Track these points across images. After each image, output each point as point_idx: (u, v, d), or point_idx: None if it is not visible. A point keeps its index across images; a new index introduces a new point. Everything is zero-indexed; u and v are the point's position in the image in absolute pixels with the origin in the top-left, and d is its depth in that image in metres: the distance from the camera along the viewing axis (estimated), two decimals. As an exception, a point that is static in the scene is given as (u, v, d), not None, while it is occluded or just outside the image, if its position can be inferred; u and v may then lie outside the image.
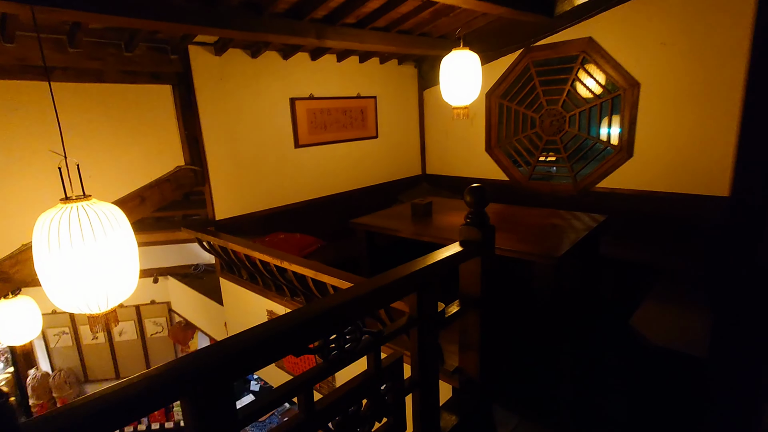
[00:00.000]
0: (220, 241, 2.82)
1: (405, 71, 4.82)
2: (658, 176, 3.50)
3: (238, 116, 3.42)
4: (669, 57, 3.29)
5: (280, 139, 3.73)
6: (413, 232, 3.13)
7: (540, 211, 3.50)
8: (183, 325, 5.36)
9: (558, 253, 2.47)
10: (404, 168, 5.01)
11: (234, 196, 3.46)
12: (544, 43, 3.92)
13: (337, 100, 4.10)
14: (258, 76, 3.49)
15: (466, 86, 2.92)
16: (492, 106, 4.47)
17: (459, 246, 1.73)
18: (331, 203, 4.20)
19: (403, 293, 1.45)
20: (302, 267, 2.21)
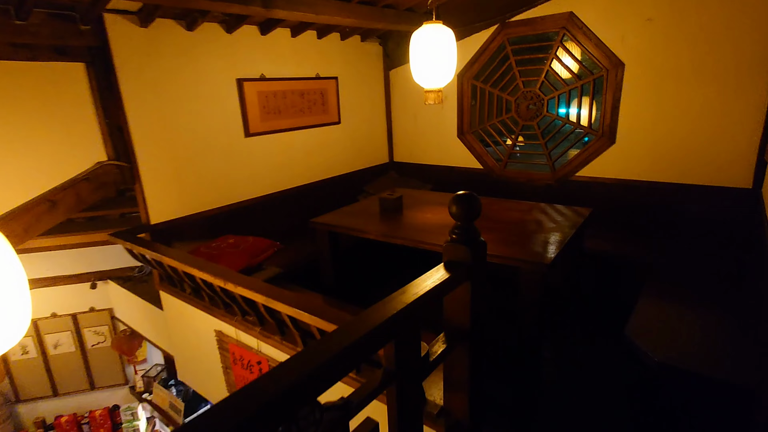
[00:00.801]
0: (155, 254, 2.34)
1: (369, 49, 4.36)
2: (642, 164, 3.28)
3: (175, 101, 2.89)
4: (656, 35, 3.02)
5: (227, 127, 3.22)
6: (383, 233, 2.76)
7: (519, 205, 3.21)
8: (128, 333, 4.81)
9: (547, 260, 2.18)
10: (370, 156, 4.60)
11: (173, 195, 2.96)
12: (521, 18, 3.57)
13: (293, 81, 3.61)
14: (196, 53, 2.96)
15: (439, 66, 2.53)
16: (464, 88, 4.11)
17: (444, 270, 1.37)
18: (288, 198, 3.75)
19: (373, 349, 1.08)
20: (250, 291, 1.80)
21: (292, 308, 1.62)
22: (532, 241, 2.45)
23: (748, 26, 2.69)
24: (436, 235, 2.64)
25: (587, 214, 2.89)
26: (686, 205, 3.13)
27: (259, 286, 1.82)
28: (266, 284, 1.84)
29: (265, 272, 2.94)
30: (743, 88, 2.79)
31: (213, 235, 3.12)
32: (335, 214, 3.18)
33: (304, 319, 1.60)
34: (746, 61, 2.74)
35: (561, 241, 2.39)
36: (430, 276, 1.34)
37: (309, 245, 3.50)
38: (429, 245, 2.55)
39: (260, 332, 2.25)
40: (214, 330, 2.58)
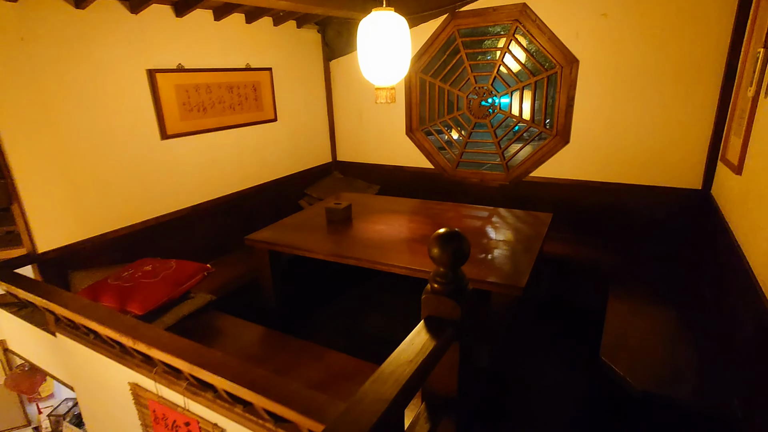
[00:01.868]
0: (41, 300, 1.81)
1: (306, 37, 3.91)
2: (596, 164, 3.20)
3: (65, 98, 2.30)
4: (610, 31, 2.91)
5: (138, 128, 2.66)
6: (332, 253, 2.41)
7: (477, 210, 3.00)
8: (26, 369, 4.06)
9: (522, 282, 1.96)
10: (311, 156, 4.18)
11: (68, 214, 2.38)
12: (472, 8, 3.32)
13: (219, 72, 3.10)
14: (91, 37, 2.37)
15: (392, 60, 2.21)
16: (413, 82, 3.81)
17: (426, 333, 1.07)
18: (218, 209, 3.25)
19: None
20: (171, 355, 1.38)
21: (228, 382, 1.24)
22: (499, 257, 2.23)
23: (701, 27, 2.64)
24: (392, 253, 2.34)
25: (549, 221, 2.74)
26: (640, 206, 3.10)
27: (182, 348, 1.40)
28: (192, 344, 1.42)
29: (194, 301, 2.49)
30: (694, 89, 2.75)
31: (126, 259, 2.58)
32: (275, 229, 2.77)
33: (243, 395, 1.23)
34: (698, 62, 2.70)
35: (531, 257, 2.19)
36: (411, 345, 1.02)
37: (246, 261, 3.06)
38: (386, 266, 2.25)
39: (186, 388, 1.82)
40: (128, 383, 2.09)
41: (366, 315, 3.17)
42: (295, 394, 1.15)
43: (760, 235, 1.75)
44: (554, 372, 2.56)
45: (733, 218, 2.19)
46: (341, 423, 0.78)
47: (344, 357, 2.09)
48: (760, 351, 1.53)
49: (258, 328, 2.37)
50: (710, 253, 2.52)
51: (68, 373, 2.90)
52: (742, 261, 1.88)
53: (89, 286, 2.29)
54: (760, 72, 1.90)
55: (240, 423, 1.64)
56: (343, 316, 3.18)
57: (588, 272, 3.01)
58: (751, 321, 1.68)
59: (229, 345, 2.26)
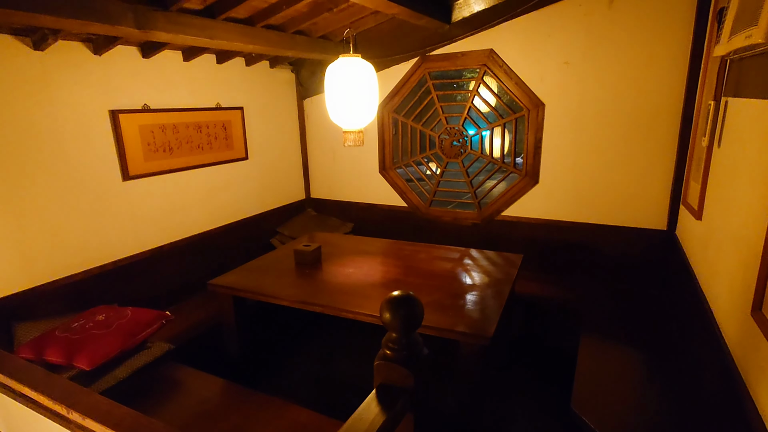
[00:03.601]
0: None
1: (279, 76, 3.94)
2: (565, 204, 3.24)
3: (17, 140, 2.21)
4: (572, 77, 3.01)
5: (98, 170, 2.57)
6: (298, 299, 2.33)
7: (448, 251, 2.97)
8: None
9: (489, 332, 1.91)
10: (284, 193, 4.13)
11: (15, 262, 2.24)
12: (442, 53, 3.41)
13: (187, 112, 3.06)
14: (51, 79, 2.31)
15: (359, 105, 2.22)
16: (385, 121, 3.85)
17: (378, 405, 1.00)
18: (184, 249, 3.14)
19: None
20: (105, 428, 1.26)
21: (165, 458, 1.13)
22: (468, 304, 2.19)
23: (655, 78, 2.76)
24: (359, 300, 2.27)
25: (519, 262, 2.73)
26: (608, 246, 3.13)
27: (119, 418, 1.29)
28: (130, 413, 1.31)
29: (150, 351, 2.35)
30: (654, 134, 2.84)
31: (79, 307, 2.44)
32: (241, 273, 2.67)
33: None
34: (655, 109, 2.80)
35: (500, 304, 2.15)
36: (360, 420, 0.95)
37: (209, 306, 2.93)
38: (352, 314, 2.18)
39: (133, 454, 1.67)
40: (71, 447, 1.92)
41: (336, 362, 3.06)
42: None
43: (719, 280, 1.76)
44: (526, 420, 2.48)
45: (695, 261, 2.22)
46: None
47: (307, 413, 1.98)
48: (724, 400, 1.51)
49: (218, 380, 2.24)
50: (676, 294, 2.53)
51: (10, 431, 2.67)
52: (703, 305, 1.89)
53: (33, 339, 2.13)
54: (711, 123, 1.97)
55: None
56: (312, 364, 3.05)
57: (560, 312, 2.99)
58: (714, 368, 1.67)
59: (185, 400, 2.12)
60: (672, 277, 2.71)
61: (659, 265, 2.95)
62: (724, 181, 1.83)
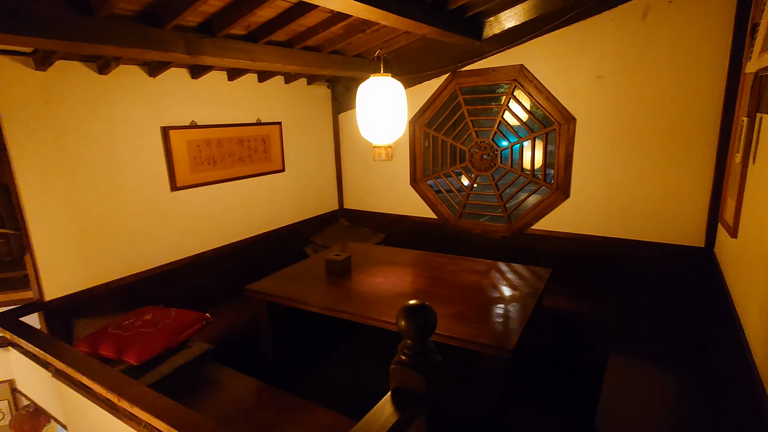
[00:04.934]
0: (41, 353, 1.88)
1: (316, 92, 4.13)
2: (597, 219, 3.20)
3: (81, 154, 2.47)
4: (606, 92, 3.00)
5: (149, 181, 2.81)
6: (327, 306, 2.44)
7: (476, 264, 3.00)
8: (32, 410, 4.07)
9: (511, 345, 1.94)
10: (318, 204, 4.29)
11: (75, 263, 2.49)
12: (473, 68, 3.48)
13: (230, 128, 3.28)
14: (111, 99, 2.57)
15: (389, 121, 2.33)
16: (417, 134, 3.95)
17: (392, 407, 1.08)
18: (224, 256, 3.34)
19: None
20: (150, 415, 1.41)
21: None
22: (493, 316, 2.22)
23: (693, 92, 2.70)
24: (387, 308, 2.35)
25: (547, 276, 2.73)
26: (642, 262, 3.06)
27: (161, 408, 1.43)
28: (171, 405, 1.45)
29: (190, 350, 2.52)
30: (691, 149, 2.78)
31: (129, 307, 2.66)
32: (275, 279, 2.82)
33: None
34: (692, 124, 2.74)
35: (524, 317, 2.17)
36: (374, 419, 1.03)
37: (247, 309, 3.10)
38: (378, 322, 2.26)
39: (173, 445, 1.82)
40: (119, 435, 2.10)
41: (363, 368, 3.14)
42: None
43: (752, 301, 1.72)
44: None
45: (731, 280, 2.16)
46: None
47: (333, 415, 2.07)
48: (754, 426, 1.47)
49: (251, 381, 2.38)
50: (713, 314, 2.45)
51: (68, 419, 2.92)
52: (736, 325, 1.84)
53: (90, 334, 2.35)
54: (746, 139, 1.93)
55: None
56: (341, 369, 3.15)
57: (589, 328, 2.95)
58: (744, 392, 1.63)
59: (221, 398, 2.26)
60: (709, 296, 2.63)
61: (696, 283, 2.85)
62: (758, 198, 1.80)
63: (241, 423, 2.01)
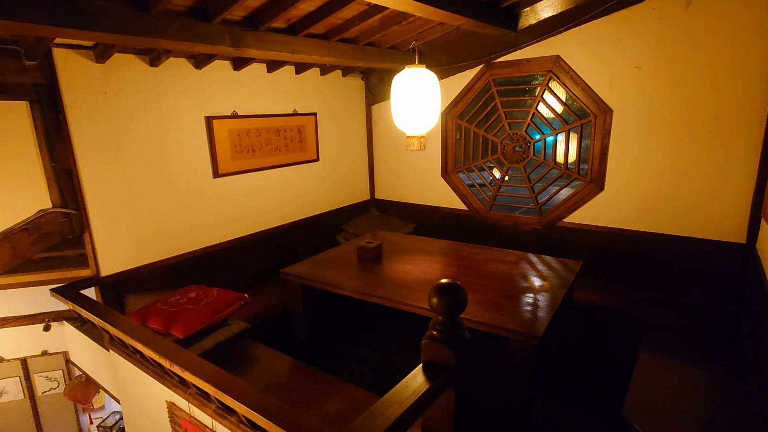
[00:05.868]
0: (98, 320, 2.06)
1: (350, 84, 4.21)
2: (632, 213, 3.15)
3: (134, 141, 2.65)
4: (644, 83, 2.93)
5: (194, 168, 2.98)
6: (359, 290, 2.53)
7: (505, 255, 3.02)
8: (83, 380, 4.41)
9: (538, 332, 1.97)
10: (350, 194, 4.39)
11: (128, 243, 2.68)
12: (507, 59, 3.47)
13: (268, 118, 3.41)
14: (161, 90, 2.74)
15: (422, 112, 2.37)
16: (449, 126, 3.97)
17: (423, 376, 1.15)
18: (261, 241, 3.50)
19: None
20: (199, 379, 1.54)
21: (245, 407, 1.37)
22: (521, 304, 2.25)
23: (738, 81, 2.62)
24: (416, 294, 2.42)
25: (578, 268, 2.72)
26: (678, 257, 3.00)
27: (210, 373, 1.56)
28: (218, 371, 1.58)
29: (230, 328, 2.67)
30: (734, 141, 2.69)
31: (175, 285, 2.84)
32: (309, 264, 2.94)
33: (257, 420, 1.35)
34: (736, 115, 2.65)
35: (552, 306, 2.19)
36: (407, 387, 1.11)
37: (281, 293, 3.24)
38: (408, 306, 2.34)
39: (215, 410, 1.97)
40: (165, 400, 2.27)
41: (393, 351, 3.23)
42: (305, 424, 1.26)
43: (793, 298, 1.69)
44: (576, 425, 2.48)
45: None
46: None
47: (364, 393, 2.17)
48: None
49: (286, 358, 2.51)
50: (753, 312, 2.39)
51: (117, 387, 3.16)
52: (776, 325, 1.81)
53: (140, 308, 2.54)
54: (791, 130, 1.87)
55: (258, 449, 1.75)
56: (371, 352, 3.25)
57: (620, 322, 2.92)
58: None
59: (258, 372, 2.40)
60: (749, 294, 2.56)
61: (736, 280, 2.78)
62: (802, 192, 1.75)
63: (278, 395, 2.14)
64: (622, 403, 1.98)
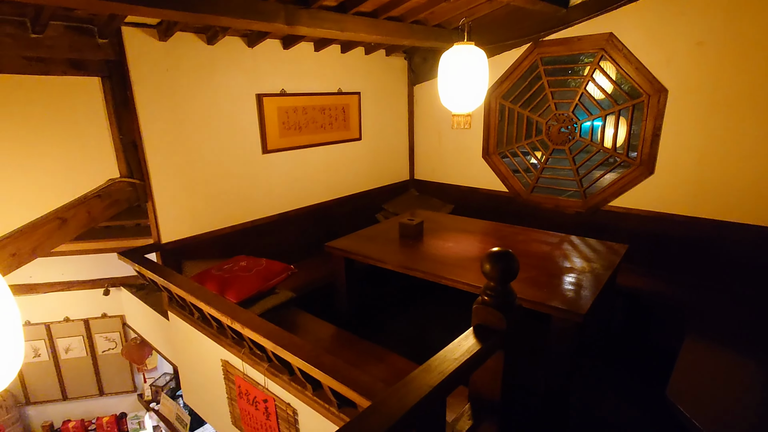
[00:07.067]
0: (162, 281, 2.23)
1: (393, 63, 4.22)
2: (684, 198, 3.04)
3: (191, 116, 2.79)
4: (706, 60, 2.80)
5: (245, 143, 3.12)
6: (401, 264, 2.60)
7: (548, 236, 3.01)
8: (138, 342, 4.75)
9: (582, 309, 1.98)
10: (390, 173, 4.45)
11: (186, 213, 2.86)
12: (557, 37, 3.38)
13: (314, 96, 3.50)
14: (216, 67, 2.86)
15: (470, 90, 2.38)
16: (492, 106, 3.93)
17: (474, 338, 1.21)
18: (304, 217, 3.62)
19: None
20: (258, 335, 1.66)
21: (300, 360, 1.48)
22: (564, 284, 2.26)
23: (812, 56, 2.46)
24: (457, 270, 2.47)
25: (623, 251, 2.68)
26: (732, 245, 2.89)
27: (268, 330, 1.68)
28: (276, 329, 1.70)
29: (277, 296, 2.82)
30: (803, 122, 2.55)
31: (225, 255, 3.01)
32: (352, 239, 3.03)
33: (313, 374, 1.46)
34: (808, 93, 2.50)
35: (596, 287, 2.18)
36: (459, 346, 1.17)
37: (324, 266, 3.37)
38: (450, 281, 2.38)
39: (267, 369, 2.11)
40: (220, 359, 2.45)
41: (430, 328, 3.31)
42: (358, 378, 1.35)
43: None
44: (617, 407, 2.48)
45: (836, 265, 2.01)
46: (390, 398, 0.96)
47: (405, 361, 2.26)
48: None
49: (330, 326, 2.63)
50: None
51: (171, 348, 3.40)
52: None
53: (197, 273, 2.72)
54: None
55: (309, 405, 1.88)
56: (409, 326, 3.34)
57: (665, 310, 2.86)
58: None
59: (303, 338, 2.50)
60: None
61: (795, 270, 2.66)
62: None
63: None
64: (662, 388, 1.97)
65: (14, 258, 2.18)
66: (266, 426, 2.24)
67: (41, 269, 4.30)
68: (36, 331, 4.62)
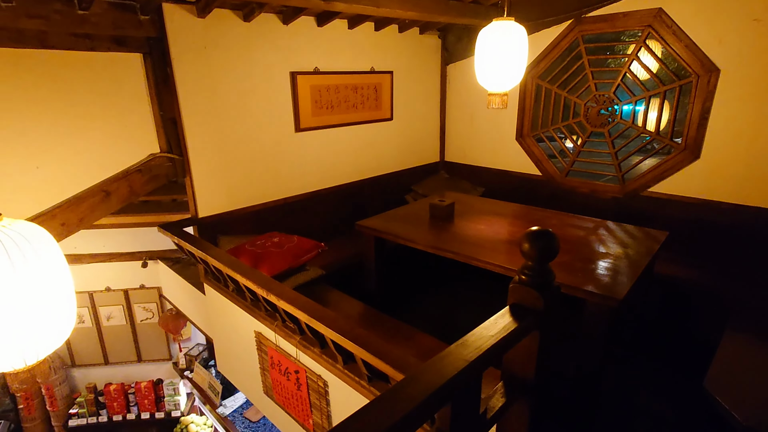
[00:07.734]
0: (201, 253, 2.31)
1: (427, 42, 4.14)
2: (732, 184, 2.90)
3: (227, 93, 2.83)
4: (763, 38, 2.62)
5: (278, 121, 3.15)
6: (431, 245, 2.60)
7: (583, 221, 2.93)
8: (174, 313, 4.96)
9: (619, 294, 1.94)
10: (420, 154, 4.41)
11: (221, 189, 2.93)
12: (600, 13, 3.23)
13: (346, 75, 3.48)
14: (252, 45, 2.88)
15: (508, 68, 2.32)
16: (528, 87, 3.81)
17: (510, 316, 1.20)
18: (335, 196, 3.65)
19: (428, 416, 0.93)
20: (293, 307, 1.70)
21: (334, 333, 1.51)
22: (599, 268, 2.21)
23: None
24: (488, 252, 2.44)
25: (663, 238, 2.59)
26: (782, 236, 2.74)
27: (302, 303, 1.72)
28: (310, 302, 1.73)
29: (308, 273, 2.87)
30: None
31: (258, 231, 3.08)
32: (383, 218, 3.04)
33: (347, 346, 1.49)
34: None
35: (634, 273, 2.12)
36: (495, 324, 1.17)
37: (353, 245, 3.40)
38: (482, 263, 2.37)
39: (299, 341, 2.17)
40: (254, 331, 2.53)
41: (458, 309, 3.31)
42: (390, 352, 1.37)
43: None
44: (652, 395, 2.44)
45: None
46: (427, 371, 0.97)
47: (432, 339, 2.28)
48: None
49: (359, 304, 2.67)
50: None
51: (206, 320, 3.54)
52: None
53: (231, 248, 2.79)
54: None
55: (339, 377, 1.93)
56: (436, 308, 3.35)
57: (706, 299, 2.76)
58: None
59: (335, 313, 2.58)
60: None
61: None
62: None
63: (354, 334, 2.29)
64: (698, 380, 1.92)
65: (64, 227, 2.30)
66: (297, 396, 2.31)
67: (84, 241, 4.52)
68: (81, 298, 4.88)
